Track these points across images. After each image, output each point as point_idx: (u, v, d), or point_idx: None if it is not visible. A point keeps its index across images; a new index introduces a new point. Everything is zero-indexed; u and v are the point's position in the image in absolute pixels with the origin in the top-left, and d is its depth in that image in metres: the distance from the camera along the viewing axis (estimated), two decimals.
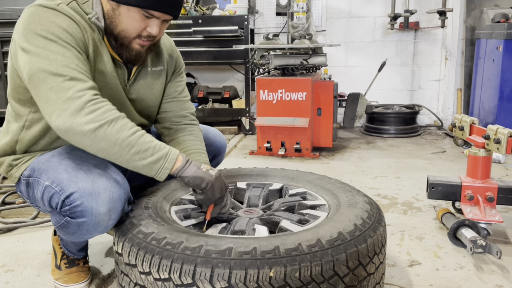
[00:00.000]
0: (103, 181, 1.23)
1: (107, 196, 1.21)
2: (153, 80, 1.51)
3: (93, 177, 1.23)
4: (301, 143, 3.34)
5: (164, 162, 1.21)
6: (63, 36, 1.19)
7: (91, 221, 1.22)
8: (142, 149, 1.19)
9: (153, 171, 1.21)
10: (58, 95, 1.14)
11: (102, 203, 1.21)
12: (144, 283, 1.09)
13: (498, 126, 1.80)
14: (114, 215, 1.24)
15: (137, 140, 1.19)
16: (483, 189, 1.90)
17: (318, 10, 4.50)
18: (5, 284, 1.59)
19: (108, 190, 1.22)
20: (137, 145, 1.18)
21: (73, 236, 1.31)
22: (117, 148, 1.16)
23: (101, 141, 1.15)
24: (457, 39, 4.26)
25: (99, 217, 1.21)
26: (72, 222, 1.24)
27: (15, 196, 2.48)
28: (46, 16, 1.19)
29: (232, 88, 4.50)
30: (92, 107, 1.16)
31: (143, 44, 1.33)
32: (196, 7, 4.29)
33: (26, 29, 1.19)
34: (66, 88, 1.15)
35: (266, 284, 0.99)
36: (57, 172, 1.26)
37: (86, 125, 1.14)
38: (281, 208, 1.47)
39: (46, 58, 1.16)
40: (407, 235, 1.95)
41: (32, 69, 1.16)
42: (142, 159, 1.19)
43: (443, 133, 4.19)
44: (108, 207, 1.21)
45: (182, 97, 1.63)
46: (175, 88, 1.61)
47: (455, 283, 1.55)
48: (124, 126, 1.19)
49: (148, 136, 1.22)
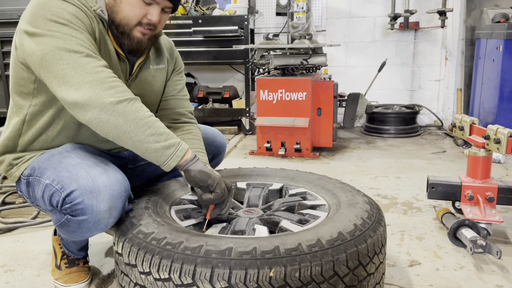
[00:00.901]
0: (104, 178, 1.23)
1: (108, 193, 1.21)
2: (154, 77, 1.52)
3: (94, 174, 1.23)
4: (301, 143, 3.35)
5: (175, 150, 1.22)
6: (73, 20, 1.21)
7: (91, 219, 1.22)
8: (158, 132, 1.20)
9: (164, 156, 1.21)
10: (77, 69, 1.16)
11: (103, 201, 1.21)
12: (144, 283, 1.09)
13: (498, 126, 1.80)
14: (114, 212, 1.24)
15: (154, 123, 1.20)
16: (483, 189, 1.90)
17: (318, 10, 4.50)
18: (5, 284, 1.59)
19: (109, 188, 1.22)
20: (153, 127, 1.19)
21: (74, 235, 1.31)
22: (133, 126, 1.17)
23: (119, 116, 1.16)
24: (457, 39, 4.26)
25: (100, 214, 1.21)
26: (72, 220, 1.24)
27: (15, 196, 2.48)
28: (54, 4, 1.21)
29: (232, 88, 4.50)
30: (112, 83, 1.18)
31: (144, 32, 1.34)
32: (196, 7, 4.29)
33: (34, 16, 1.20)
34: (84, 63, 1.17)
35: (266, 284, 0.99)
36: (58, 170, 1.26)
37: (107, 98, 1.15)
38: (281, 208, 1.47)
39: (60, 38, 1.17)
40: (407, 235, 1.95)
41: (45, 49, 1.17)
42: (155, 142, 1.19)
43: (443, 133, 4.19)
44: (108, 204, 1.21)
45: (181, 95, 1.64)
46: (174, 87, 1.62)
47: (455, 283, 1.55)
48: (143, 108, 1.21)
49: (162, 123, 1.24)
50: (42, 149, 1.40)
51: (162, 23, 1.38)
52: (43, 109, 1.34)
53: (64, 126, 1.36)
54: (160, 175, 1.70)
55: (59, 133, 1.38)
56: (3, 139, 1.40)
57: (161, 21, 1.36)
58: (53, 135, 1.38)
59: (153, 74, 1.51)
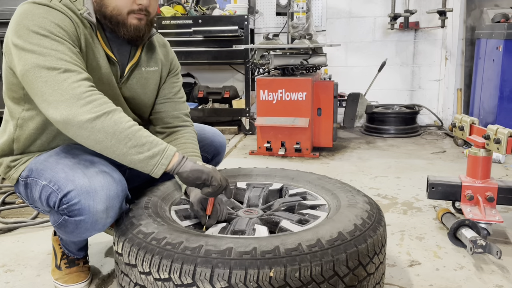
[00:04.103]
0: (100, 179, 1.22)
1: (104, 194, 1.21)
2: (147, 79, 1.50)
3: (90, 175, 1.22)
4: (301, 143, 3.34)
5: (160, 158, 1.20)
6: (55, 30, 1.20)
7: (88, 219, 1.22)
8: (140, 143, 1.18)
9: (149, 166, 1.19)
10: (54, 87, 1.15)
11: (100, 201, 1.20)
12: (144, 283, 1.09)
13: (498, 126, 1.80)
14: (111, 213, 1.24)
15: (135, 133, 1.18)
16: (483, 189, 1.90)
17: (318, 10, 4.50)
18: (5, 284, 1.59)
19: (106, 188, 1.22)
20: (134, 139, 1.17)
21: (72, 235, 1.31)
22: (114, 140, 1.16)
23: (98, 132, 1.15)
24: (457, 39, 4.26)
25: (97, 215, 1.21)
26: (70, 220, 1.24)
27: (15, 196, 2.48)
28: (38, 12, 1.20)
29: (232, 88, 4.50)
30: (88, 98, 1.16)
31: (139, 17, 1.33)
32: (196, 7, 4.29)
33: (19, 25, 1.20)
34: (61, 80, 1.15)
35: (266, 284, 0.99)
36: (55, 171, 1.26)
37: (84, 116, 1.14)
38: (281, 208, 1.47)
39: (40, 54, 1.16)
40: (407, 235, 1.95)
41: (26, 65, 1.17)
42: (138, 153, 1.18)
43: (443, 133, 4.19)
44: (105, 204, 1.21)
45: (177, 98, 1.62)
46: (170, 89, 1.60)
47: (455, 283, 1.55)
48: (122, 119, 1.18)
49: (146, 131, 1.22)
50: (40, 151, 1.39)
51: (153, 6, 1.37)
52: (35, 115, 1.33)
53: (58, 131, 1.35)
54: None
55: (54, 138, 1.38)
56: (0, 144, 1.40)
57: (152, 4, 1.35)
58: (49, 139, 1.38)
59: (145, 76, 1.49)
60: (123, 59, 1.43)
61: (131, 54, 1.45)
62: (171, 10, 4.19)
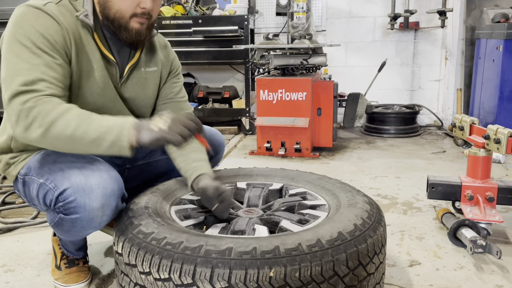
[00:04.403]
0: (96, 177, 1.23)
1: (100, 191, 1.22)
2: (146, 80, 1.50)
3: (87, 173, 1.23)
4: (301, 143, 3.34)
5: (119, 142, 1.17)
6: (38, 41, 1.21)
7: (84, 217, 1.22)
8: (94, 137, 1.16)
9: (115, 152, 1.19)
10: (6, 107, 1.19)
11: (95, 199, 1.21)
12: (144, 283, 1.09)
13: (498, 126, 1.80)
14: (107, 211, 1.24)
15: (85, 131, 1.16)
16: (483, 189, 1.90)
17: (318, 10, 4.50)
18: (5, 284, 1.59)
19: (101, 186, 1.22)
20: (87, 136, 1.16)
21: (69, 234, 1.31)
22: (73, 144, 1.18)
23: (56, 142, 1.18)
24: (457, 39, 4.26)
25: (93, 212, 1.22)
26: (66, 219, 1.24)
27: (15, 196, 2.48)
28: (28, 19, 1.22)
29: (232, 88, 4.50)
30: (34, 113, 1.15)
31: (141, 21, 1.33)
32: (196, 7, 4.29)
33: (9, 30, 1.23)
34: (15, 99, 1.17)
35: (266, 284, 0.99)
36: (52, 169, 1.26)
37: (34, 133, 1.16)
38: (281, 208, 1.47)
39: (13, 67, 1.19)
40: (407, 235, 1.95)
41: (1, 74, 1.21)
42: (98, 146, 1.17)
43: (443, 133, 4.19)
44: (101, 202, 1.22)
45: (178, 98, 1.62)
46: (171, 89, 1.60)
47: (455, 283, 1.55)
48: (68, 122, 1.16)
49: (95, 120, 1.19)
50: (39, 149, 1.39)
51: (156, 10, 1.37)
52: None
53: None
54: (159, 175, 1.69)
55: None
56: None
57: (155, 8, 1.36)
58: None
59: (145, 76, 1.49)
60: (123, 59, 1.43)
61: (130, 54, 1.45)
62: (171, 10, 4.19)
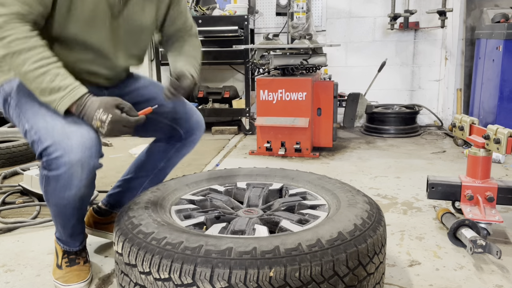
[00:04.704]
0: (78, 136, 1.29)
1: (80, 150, 1.28)
2: (143, 9, 1.52)
3: (69, 130, 1.30)
4: (301, 143, 3.35)
5: (57, 105, 1.28)
6: None
7: (65, 174, 1.29)
8: (40, 87, 1.26)
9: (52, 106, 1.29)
10: None
11: (75, 157, 1.28)
12: (144, 283, 1.09)
13: (498, 126, 1.80)
14: (86, 169, 1.31)
15: (37, 78, 1.25)
16: (483, 189, 1.90)
17: (318, 10, 4.50)
18: (5, 284, 1.59)
19: (81, 145, 1.29)
20: (35, 82, 1.25)
21: (54, 196, 1.37)
22: (22, 78, 1.27)
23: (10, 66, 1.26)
24: (457, 39, 4.26)
25: (72, 169, 1.28)
26: (50, 176, 1.32)
27: (15, 196, 2.48)
28: None
29: (232, 88, 4.50)
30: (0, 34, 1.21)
31: None
32: (196, 7, 4.28)
33: None
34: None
35: (266, 284, 0.99)
36: (36, 118, 1.34)
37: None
38: (281, 208, 1.47)
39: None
40: (407, 235, 1.96)
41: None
42: (41, 95, 1.27)
43: (443, 133, 4.19)
44: (81, 160, 1.29)
45: (188, 26, 1.72)
46: (179, 19, 1.68)
47: (455, 283, 1.55)
48: (28, 59, 1.24)
49: (50, 74, 1.26)
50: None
51: None
52: None
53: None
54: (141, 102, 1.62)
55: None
56: None
57: None
58: None
59: (142, 6, 1.51)
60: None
61: None
62: None
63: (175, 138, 1.71)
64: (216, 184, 1.68)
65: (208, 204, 1.51)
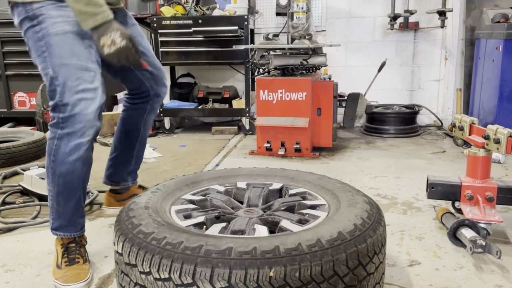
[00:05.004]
0: (91, 103, 1.45)
1: (94, 111, 1.46)
2: None
3: (87, 96, 1.44)
4: (301, 143, 3.35)
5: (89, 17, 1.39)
6: None
7: (78, 131, 1.45)
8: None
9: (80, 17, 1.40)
10: None
11: (90, 115, 1.45)
12: (144, 283, 1.09)
13: (497, 126, 1.80)
14: (95, 128, 1.49)
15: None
16: (482, 189, 1.90)
17: (318, 10, 4.50)
18: (5, 284, 1.59)
19: (97, 108, 1.47)
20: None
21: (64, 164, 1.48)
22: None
23: None
24: (457, 39, 4.26)
25: (85, 127, 1.46)
26: (63, 134, 1.46)
27: (15, 196, 2.48)
28: None
29: (232, 88, 4.50)
30: None
31: None
32: (196, 7, 4.29)
33: None
34: None
35: (266, 284, 0.99)
36: (63, 70, 1.44)
37: None
38: (281, 208, 1.48)
39: None
40: (407, 235, 1.96)
41: None
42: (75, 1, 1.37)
43: (443, 133, 4.19)
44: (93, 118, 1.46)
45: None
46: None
47: (455, 283, 1.56)
48: None
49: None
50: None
51: None
52: None
53: None
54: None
55: None
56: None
57: None
58: None
59: None
60: None
61: None
62: (171, 10, 4.19)
63: (142, 95, 1.92)
64: (216, 184, 1.69)
65: (208, 204, 1.51)
